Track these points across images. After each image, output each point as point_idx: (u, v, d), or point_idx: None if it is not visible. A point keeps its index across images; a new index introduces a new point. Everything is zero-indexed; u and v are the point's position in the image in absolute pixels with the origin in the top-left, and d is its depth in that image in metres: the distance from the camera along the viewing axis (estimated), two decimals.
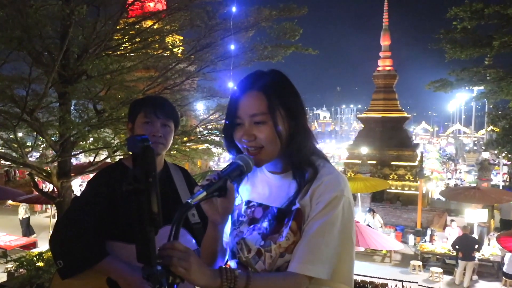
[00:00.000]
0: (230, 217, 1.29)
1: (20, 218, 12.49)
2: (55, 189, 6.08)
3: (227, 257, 1.32)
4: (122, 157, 7.09)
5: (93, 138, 6.26)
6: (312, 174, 1.19)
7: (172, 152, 6.72)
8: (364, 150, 18.84)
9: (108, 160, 6.55)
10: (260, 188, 1.29)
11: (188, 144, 6.94)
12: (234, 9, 6.25)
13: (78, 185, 15.16)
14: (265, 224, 1.21)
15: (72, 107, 6.13)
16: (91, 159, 6.83)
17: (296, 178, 1.20)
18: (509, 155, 19.07)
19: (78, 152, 6.42)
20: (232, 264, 1.28)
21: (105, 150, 6.24)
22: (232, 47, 6.18)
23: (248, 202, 1.29)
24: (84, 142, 6.16)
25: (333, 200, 1.14)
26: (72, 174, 6.00)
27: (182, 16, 6.12)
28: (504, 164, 22.10)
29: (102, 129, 6.29)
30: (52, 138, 6.12)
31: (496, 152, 18.80)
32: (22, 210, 12.44)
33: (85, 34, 5.77)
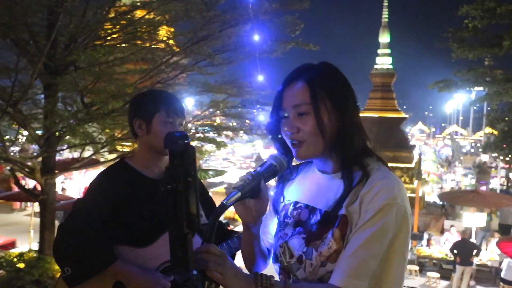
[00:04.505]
0: (277, 218, 1.27)
1: None
2: (37, 186, 5.79)
3: (270, 260, 1.27)
4: (108, 153, 6.84)
5: (82, 133, 5.96)
6: (362, 177, 1.10)
7: None
8: None
9: (93, 157, 6.25)
10: (309, 188, 1.23)
11: None
12: None
13: (60, 182, 14.72)
14: (309, 227, 1.15)
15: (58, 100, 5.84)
16: (75, 154, 6.55)
17: (344, 178, 1.12)
18: (507, 158, 18.96)
19: (64, 147, 6.12)
20: (275, 268, 1.23)
21: (91, 146, 5.94)
22: (231, 39, 5.90)
23: (295, 203, 1.23)
24: (70, 137, 5.86)
25: (384, 208, 1.04)
26: (56, 171, 5.70)
27: (177, 6, 5.79)
28: (501, 167, 21.94)
29: (90, 124, 5.98)
30: (37, 132, 5.82)
31: (495, 154, 18.64)
32: None
33: (73, 23, 5.47)
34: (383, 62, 20.26)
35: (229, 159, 31.29)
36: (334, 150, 1.14)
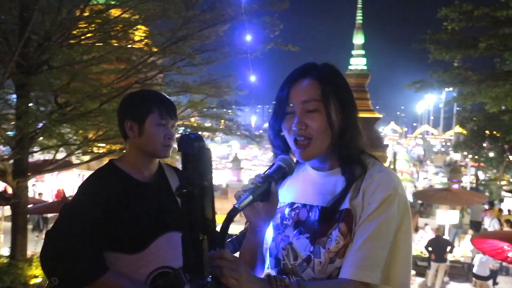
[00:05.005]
0: (271, 221, 1.23)
1: None
2: (7, 189, 5.58)
3: (267, 265, 1.23)
4: (81, 155, 6.65)
5: (58, 134, 5.77)
6: (361, 172, 1.12)
7: None
8: None
9: (67, 158, 6.07)
10: (303, 188, 1.22)
11: None
12: None
13: (31, 184, 14.22)
14: (311, 225, 1.14)
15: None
16: (47, 156, 6.35)
17: (345, 174, 1.13)
18: (476, 157, 19.62)
19: (37, 149, 5.91)
20: (272, 273, 1.19)
21: (65, 148, 5.76)
22: (212, 39, 5.85)
23: (291, 204, 1.22)
24: (43, 139, 5.66)
25: (387, 199, 1.07)
26: (28, 173, 5.51)
27: (154, 5, 5.69)
28: (471, 166, 22.65)
29: (65, 125, 5.81)
30: (8, 133, 5.62)
31: (464, 153, 19.22)
32: None
33: (48, 21, 5.30)
34: (358, 63, 20.56)
35: None
36: (337, 147, 1.15)
